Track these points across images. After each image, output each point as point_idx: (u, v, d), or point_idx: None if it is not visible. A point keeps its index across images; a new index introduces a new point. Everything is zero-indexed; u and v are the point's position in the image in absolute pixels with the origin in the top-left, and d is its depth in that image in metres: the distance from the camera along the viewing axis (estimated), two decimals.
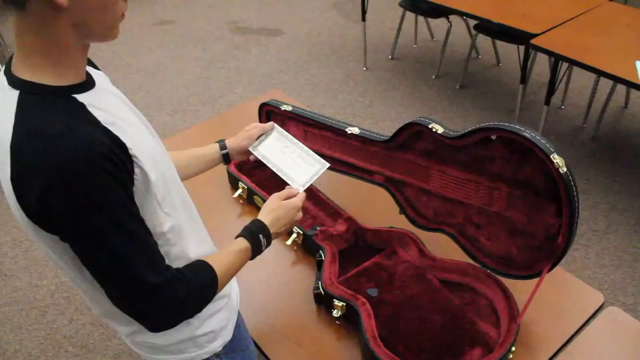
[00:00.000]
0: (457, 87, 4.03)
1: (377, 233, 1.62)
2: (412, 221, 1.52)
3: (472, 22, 3.74)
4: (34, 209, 0.81)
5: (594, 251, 2.67)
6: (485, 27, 3.59)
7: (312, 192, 1.79)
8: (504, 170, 1.27)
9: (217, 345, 1.16)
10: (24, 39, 0.82)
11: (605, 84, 3.46)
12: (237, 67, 4.55)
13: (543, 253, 1.27)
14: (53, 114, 0.82)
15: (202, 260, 1.04)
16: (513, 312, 1.32)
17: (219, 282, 1.04)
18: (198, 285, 1.00)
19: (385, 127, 3.68)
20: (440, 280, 1.49)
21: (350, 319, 1.40)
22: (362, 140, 1.52)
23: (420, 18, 4.56)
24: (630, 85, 2.53)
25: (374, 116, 3.82)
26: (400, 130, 1.41)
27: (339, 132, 1.55)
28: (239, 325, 1.25)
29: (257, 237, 1.14)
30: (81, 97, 0.86)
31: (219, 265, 1.04)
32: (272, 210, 1.21)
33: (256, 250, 1.14)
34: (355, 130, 1.52)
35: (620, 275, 2.54)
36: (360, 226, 1.64)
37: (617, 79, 2.58)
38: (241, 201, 1.85)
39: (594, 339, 1.36)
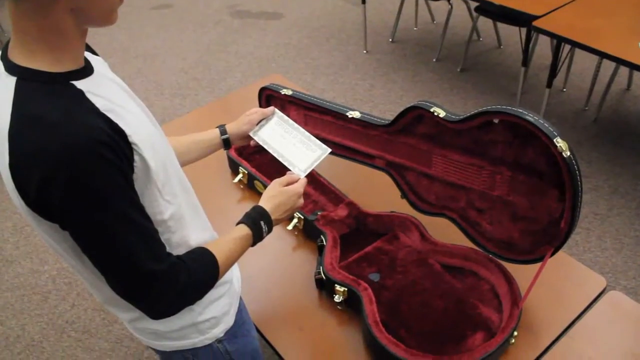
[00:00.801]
0: (458, 70, 4.00)
1: (378, 218, 1.61)
2: (414, 206, 1.51)
3: (473, 4, 3.70)
4: (33, 198, 0.80)
5: (595, 235, 2.67)
6: (487, 9, 3.55)
7: (313, 177, 1.78)
8: (506, 154, 1.26)
9: (219, 331, 1.16)
10: (20, 24, 0.80)
11: (607, 66, 3.44)
12: (236, 51, 4.51)
13: (545, 237, 1.26)
14: (51, 101, 0.80)
15: (202, 247, 1.03)
16: (515, 296, 1.32)
17: (220, 270, 1.03)
18: (199, 273, 0.99)
19: (385, 111, 3.66)
20: (442, 264, 1.49)
21: (352, 304, 1.40)
22: (363, 124, 1.50)
23: (421, 0, 4.51)
24: (633, 67, 2.51)
25: (375, 100, 3.79)
26: (402, 114, 1.39)
27: (340, 116, 1.54)
28: (241, 311, 1.25)
29: (258, 224, 1.14)
30: (79, 84, 0.85)
31: (219, 252, 1.04)
32: (273, 197, 1.20)
33: (257, 236, 1.14)
34: (356, 114, 1.51)
35: (622, 259, 2.54)
36: (362, 211, 1.63)
37: (620, 61, 2.55)
38: (241, 186, 1.85)
39: (597, 323, 1.36)
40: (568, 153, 1.12)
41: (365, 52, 4.34)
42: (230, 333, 1.19)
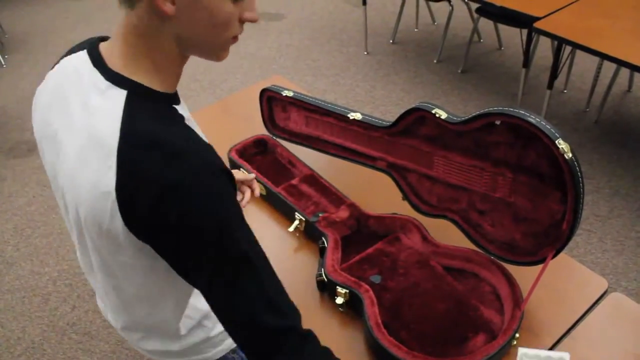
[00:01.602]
0: (459, 71, 4.00)
1: (379, 219, 1.61)
2: (415, 207, 1.51)
3: (474, 6, 3.70)
4: (140, 218, 0.76)
5: (596, 236, 2.67)
6: (488, 10, 3.56)
7: (314, 179, 1.78)
8: (508, 155, 1.26)
9: (231, 341, 1.15)
10: (129, 37, 0.79)
11: (608, 67, 3.43)
12: (237, 52, 4.51)
13: (547, 239, 1.26)
14: (166, 124, 0.77)
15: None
16: (517, 298, 1.32)
17: None
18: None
19: (386, 112, 3.66)
20: (443, 266, 1.48)
21: (354, 306, 1.40)
22: (364, 125, 1.50)
23: (422, 1, 4.52)
24: (634, 68, 2.51)
25: (376, 101, 3.79)
26: (403, 116, 1.39)
27: (341, 118, 1.54)
28: None
29: None
30: (178, 109, 0.83)
31: None
32: None
33: None
34: (357, 115, 1.50)
35: (623, 261, 2.54)
36: (363, 212, 1.63)
37: (621, 63, 2.55)
38: None
39: (598, 325, 1.36)
40: (570, 155, 1.12)
41: (366, 53, 4.34)
42: None
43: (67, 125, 0.82)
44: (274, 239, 1.63)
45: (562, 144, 1.11)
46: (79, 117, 0.80)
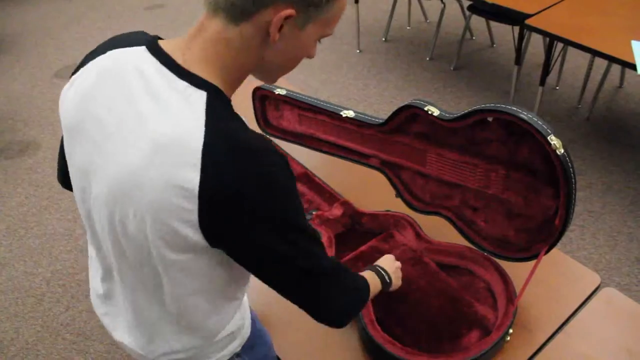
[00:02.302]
0: (452, 68, 4.01)
1: (373, 217, 1.61)
2: (409, 204, 1.52)
3: (466, 3, 3.71)
4: (219, 218, 0.78)
5: (589, 232, 2.68)
6: (479, 7, 3.56)
7: (307, 177, 1.78)
8: (501, 152, 1.26)
9: (236, 345, 1.14)
10: (217, 46, 0.80)
11: (600, 64, 3.45)
12: None
13: (540, 235, 1.26)
14: (241, 124, 0.80)
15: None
16: (510, 294, 1.33)
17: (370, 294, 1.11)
18: (358, 281, 1.08)
19: (379, 110, 3.66)
20: (437, 263, 1.49)
21: None
22: (357, 123, 1.50)
23: None
24: (625, 65, 2.52)
25: (368, 99, 3.80)
26: (396, 113, 1.39)
27: (334, 116, 1.54)
28: (254, 321, 1.22)
29: (376, 269, 1.26)
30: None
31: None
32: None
33: (380, 276, 1.23)
34: (350, 113, 1.50)
35: (615, 256, 2.55)
36: (357, 210, 1.63)
37: (612, 59, 2.56)
38: None
39: (591, 320, 1.36)
40: (562, 151, 1.12)
41: (358, 51, 4.34)
42: (247, 346, 1.17)
43: (129, 120, 0.81)
44: None
45: (554, 140, 1.12)
46: (151, 115, 0.79)
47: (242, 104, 1.58)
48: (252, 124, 1.78)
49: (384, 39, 4.46)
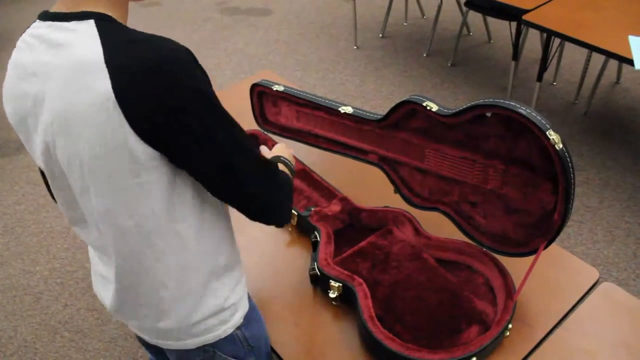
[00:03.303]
0: (449, 64, 4.01)
1: (372, 213, 1.61)
2: (407, 200, 1.51)
3: None
4: (142, 111, 0.82)
5: (587, 227, 2.68)
6: (476, 3, 3.56)
7: (305, 173, 1.78)
8: (499, 147, 1.26)
9: (238, 317, 1.15)
10: None
11: (597, 59, 3.45)
12: (226, 48, 4.50)
13: (539, 230, 1.26)
14: (135, 32, 0.86)
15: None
16: (509, 289, 1.33)
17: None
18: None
19: (377, 106, 3.66)
20: (436, 259, 1.49)
21: (347, 299, 1.40)
22: (355, 119, 1.50)
23: None
24: (622, 60, 2.52)
25: (366, 95, 3.79)
26: (394, 109, 1.39)
27: (332, 112, 1.53)
28: (249, 296, 1.24)
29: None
30: None
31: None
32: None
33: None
34: (348, 109, 1.50)
35: (613, 251, 2.56)
36: (355, 206, 1.63)
37: (609, 54, 2.56)
38: None
39: (590, 315, 1.37)
40: (561, 145, 1.12)
41: (355, 47, 4.33)
42: (246, 318, 1.18)
43: (45, 76, 0.87)
44: (267, 233, 1.63)
45: (552, 135, 1.12)
46: (55, 59, 0.86)
47: (240, 100, 1.58)
48: (250, 121, 1.78)
49: (381, 35, 4.46)
